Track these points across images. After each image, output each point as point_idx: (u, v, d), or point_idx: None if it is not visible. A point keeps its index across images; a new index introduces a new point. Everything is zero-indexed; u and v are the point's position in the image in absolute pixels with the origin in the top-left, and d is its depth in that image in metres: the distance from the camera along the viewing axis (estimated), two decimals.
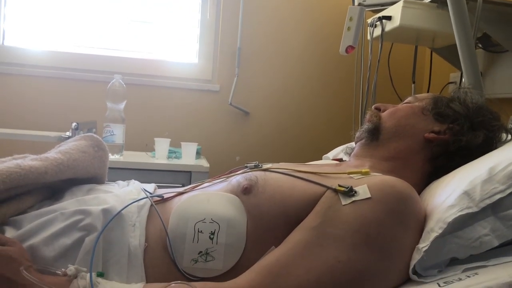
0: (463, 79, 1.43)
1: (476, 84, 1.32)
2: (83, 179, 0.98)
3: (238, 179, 0.90)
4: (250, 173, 0.92)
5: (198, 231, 0.80)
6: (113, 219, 0.80)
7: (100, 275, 0.73)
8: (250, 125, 2.54)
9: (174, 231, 0.81)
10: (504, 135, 1.04)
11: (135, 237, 0.80)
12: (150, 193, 0.92)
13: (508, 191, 0.77)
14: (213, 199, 0.86)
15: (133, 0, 2.47)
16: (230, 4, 2.48)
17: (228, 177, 0.96)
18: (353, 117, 2.35)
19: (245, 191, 0.86)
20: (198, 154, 2.18)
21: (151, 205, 0.87)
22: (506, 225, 0.75)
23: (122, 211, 0.82)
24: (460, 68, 1.41)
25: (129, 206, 0.84)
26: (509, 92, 1.78)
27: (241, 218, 0.82)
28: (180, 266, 0.79)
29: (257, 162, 1.02)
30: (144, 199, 0.88)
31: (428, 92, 2.23)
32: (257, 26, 2.51)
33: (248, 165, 1.01)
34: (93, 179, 1.00)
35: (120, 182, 1.03)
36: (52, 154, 0.91)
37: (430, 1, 1.65)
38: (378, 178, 0.84)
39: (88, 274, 0.70)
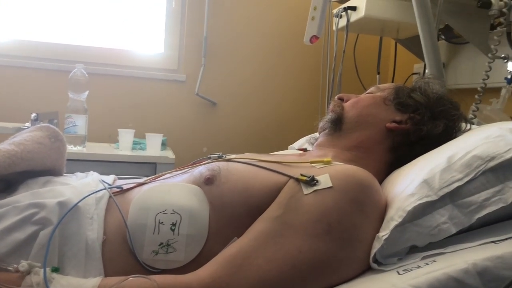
0: (426, 70, 1.45)
1: (438, 75, 1.34)
2: (40, 171, 0.94)
3: (200, 169, 0.89)
4: (213, 163, 0.91)
5: (159, 222, 0.79)
6: (70, 212, 0.78)
7: (55, 270, 0.70)
8: (217, 115, 2.51)
9: (134, 223, 0.79)
10: (463, 125, 1.06)
11: (93, 230, 0.78)
12: (109, 184, 0.89)
13: (465, 180, 0.78)
14: (175, 190, 0.85)
15: None
16: None
17: (191, 168, 0.95)
18: (319, 107, 2.36)
19: (208, 182, 0.85)
20: (164, 145, 2.15)
21: (110, 196, 0.84)
22: (463, 212, 0.77)
23: (79, 204, 0.80)
24: (423, 59, 1.43)
25: (86, 198, 0.81)
26: (470, 82, 1.83)
27: (203, 209, 0.81)
28: (140, 258, 0.77)
29: (220, 153, 1.00)
30: (103, 191, 0.85)
31: (392, 82, 2.26)
32: (223, 15, 2.48)
33: (211, 156, 0.99)
34: (51, 171, 0.97)
35: (79, 173, 1.00)
36: (5, 145, 0.87)
37: None
38: (340, 167, 0.84)
39: (42, 270, 0.68)
